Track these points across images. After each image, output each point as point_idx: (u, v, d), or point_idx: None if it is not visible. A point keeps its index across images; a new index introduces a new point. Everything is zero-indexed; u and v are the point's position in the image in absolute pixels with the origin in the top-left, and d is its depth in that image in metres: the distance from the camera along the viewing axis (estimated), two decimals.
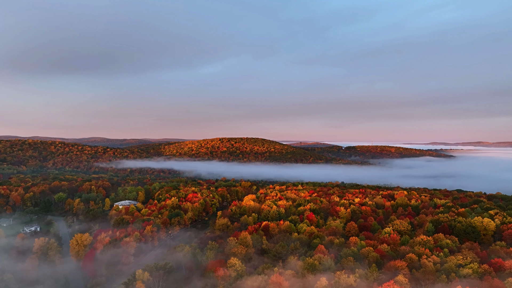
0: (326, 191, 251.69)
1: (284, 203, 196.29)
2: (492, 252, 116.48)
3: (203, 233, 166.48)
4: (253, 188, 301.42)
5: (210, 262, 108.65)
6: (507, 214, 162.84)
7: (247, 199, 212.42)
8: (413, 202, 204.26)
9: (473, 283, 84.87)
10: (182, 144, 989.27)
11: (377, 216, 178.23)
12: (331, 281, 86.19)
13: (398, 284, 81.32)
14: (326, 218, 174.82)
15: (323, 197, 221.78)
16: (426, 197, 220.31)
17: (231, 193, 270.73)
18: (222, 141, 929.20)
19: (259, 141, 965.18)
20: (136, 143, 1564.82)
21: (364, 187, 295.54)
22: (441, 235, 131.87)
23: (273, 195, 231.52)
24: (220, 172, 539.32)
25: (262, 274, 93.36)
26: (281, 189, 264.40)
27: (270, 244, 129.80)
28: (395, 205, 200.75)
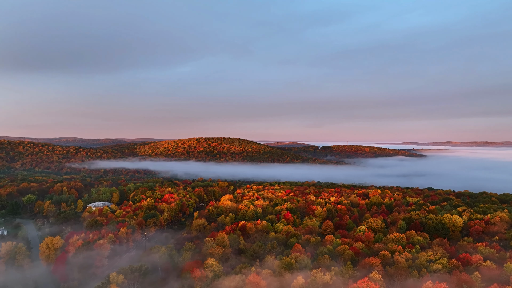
0: (302, 191, 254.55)
1: (261, 202, 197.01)
2: (460, 247, 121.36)
3: (180, 234, 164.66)
4: (230, 188, 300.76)
5: (187, 263, 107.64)
6: (474, 211, 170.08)
7: (224, 199, 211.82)
8: (387, 200, 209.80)
9: (443, 277, 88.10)
10: (158, 144, 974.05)
11: (352, 214, 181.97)
12: (307, 279, 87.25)
13: (372, 280, 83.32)
14: (302, 217, 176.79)
15: (300, 197, 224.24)
16: (399, 196, 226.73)
17: (208, 193, 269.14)
18: (199, 141, 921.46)
19: (236, 141, 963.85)
20: (110, 143, 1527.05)
21: (340, 186, 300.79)
22: (413, 232, 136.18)
23: (250, 195, 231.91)
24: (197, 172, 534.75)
25: (239, 274, 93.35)
26: (258, 188, 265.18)
27: (247, 244, 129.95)
28: (369, 203, 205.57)
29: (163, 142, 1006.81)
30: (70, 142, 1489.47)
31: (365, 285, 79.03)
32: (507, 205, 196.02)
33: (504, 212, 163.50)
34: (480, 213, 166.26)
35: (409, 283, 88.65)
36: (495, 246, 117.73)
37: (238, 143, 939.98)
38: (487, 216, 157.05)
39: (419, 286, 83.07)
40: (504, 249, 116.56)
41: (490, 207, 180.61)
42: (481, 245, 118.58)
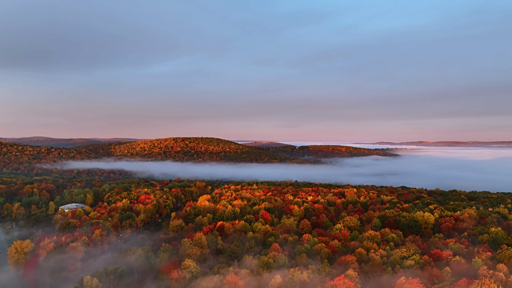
0: (280, 190, 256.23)
1: (239, 202, 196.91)
2: (432, 243, 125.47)
3: (157, 235, 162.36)
4: (208, 188, 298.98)
5: (164, 264, 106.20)
6: (445, 208, 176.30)
7: (202, 199, 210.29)
8: (362, 199, 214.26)
9: (415, 273, 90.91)
10: (134, 144, 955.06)
11: (329, 213, 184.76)
12: (285, 278, 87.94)
13: (348, 278, 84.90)
14: (280, 216, 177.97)
15: (278, 196, 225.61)
16: (374, 194, 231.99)
17: (185, 194, 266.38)
18: (176, 141, 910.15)
19: (214, 141, 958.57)
20: (84, 143, 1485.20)
21: (317, 185, 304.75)
22: (387, 229, 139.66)
23: (228, 195, 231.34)
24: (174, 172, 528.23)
25: (217, 274, 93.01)
26: (236, 188, 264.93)
27: (225, 244, 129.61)
28: (346, 202, 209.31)
29: (139, 142, 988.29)
30: (41, 142, 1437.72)
31: (342, 283, 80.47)
32: (475, 202, 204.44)
33: (472, 209, 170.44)
34: (450, 210, 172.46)
35: (383, 279, 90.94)
36: (464, 242, 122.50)
37: (216, 143, 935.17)
38: (456, 213, 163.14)
39: (393, 282, 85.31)
40: (472, 245, 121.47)
41: (460, 205, 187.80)
42: (451, 241, 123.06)
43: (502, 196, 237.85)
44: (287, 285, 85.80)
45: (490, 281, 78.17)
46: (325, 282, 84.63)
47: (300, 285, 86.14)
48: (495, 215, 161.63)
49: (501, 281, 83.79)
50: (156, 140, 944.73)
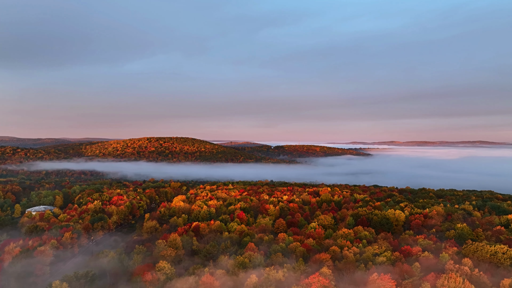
0: (256, 190, 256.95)
1: (215, 202, 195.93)
2: (402, 240, 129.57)
3: (130, 237, 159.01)
4: (183, 189, 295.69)
5: (138, 266, 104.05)
6: (415, 206, 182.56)
7: (177, 200, 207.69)
8: (336, 197, 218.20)
9: (387, 269, 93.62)
10: (106, 144, 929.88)
11: (304, 212, 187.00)
12: (261, 278, 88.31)
13: (323, 275, 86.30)
14: (256, 216, 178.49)
15: (253, 196, 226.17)
16: (347, 193, 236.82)
17: (159, 195, 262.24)
18: (150, 141, 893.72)
19: (189, 140, 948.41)
20: (53, 142, 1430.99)
21: (292, 184, 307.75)
22: (360, 227, 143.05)
23: (204, 195, 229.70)
24: (148, 173, 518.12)
25: (192, 275, 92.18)
26: (212, 189, 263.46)
27: (200, 244, 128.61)
28: (320, 201, 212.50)
29: (111, 142, 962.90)
30: (6, 142, 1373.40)
31: (316, 281, 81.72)
32: (443, 200, 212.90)
33: (440, 206, 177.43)
34: (420, 207, 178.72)
35: (356, 276, 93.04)
36: (432, 238, 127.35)
37: (191, 142, 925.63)
38: (425, 211, 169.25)
39: (366, 278, 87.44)
40: (440, 240, 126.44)
41: (428, 202, 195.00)
42: (420, 237, 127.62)
43: (467, 193, 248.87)
44: (263, 285, 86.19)
45: (456, 275, 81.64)
46: (300, 280, 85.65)
47: (276, 284, 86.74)
48: (461, 211, 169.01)
49: (466, 274, 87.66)
50: (130, 140, 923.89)
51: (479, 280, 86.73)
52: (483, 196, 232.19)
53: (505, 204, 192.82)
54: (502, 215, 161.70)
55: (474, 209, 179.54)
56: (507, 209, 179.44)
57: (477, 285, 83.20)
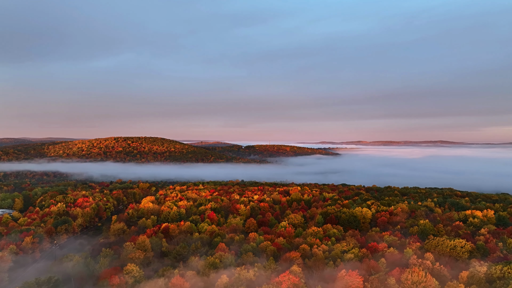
0: (226, 190, 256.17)
1: (185, 203, 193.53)
2: (369, 237, 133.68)
3: (96, 240, 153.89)
4: (152, 190, 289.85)
5: (104, 270, 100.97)
6: (381, 203, 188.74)
7: (146, 201, 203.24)
8: (306, 196, 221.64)
9: (355, 265, 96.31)
10: (70, 144, 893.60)
11: (274, 211, 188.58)
12: (232, 278, 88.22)
13: (293, 274, 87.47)
14: (227, 216, 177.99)
15: (224, 196, 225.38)
16: (317, 192, 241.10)
17: (127, 196, 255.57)
18: (117, 141, 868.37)
19: (159, 140, 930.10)
20: (12, 142, 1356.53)
21: (263, 184, 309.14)
22: (329, 225, 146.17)
23: (173, 195, 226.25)
24: (115, 173, 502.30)
25: (162, 277, 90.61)
26: (182, 189, 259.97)
27: (170, 246, 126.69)
28: (290, 200, 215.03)
29: (76, 142, 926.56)
30: None
31: (286, 279, 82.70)
32: (407, 197, 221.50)
33: (405, 203, 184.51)
34: (385, 205, 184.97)
35: (326, 273, 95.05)
36: (397, 234, 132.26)
37: (160, 142, 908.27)
38: (391, 208, 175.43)
39: (334, 275, 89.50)
40: (404, 236, 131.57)
41: (393, 200, 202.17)
42: (386, 234, 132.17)
43: (429, 191, 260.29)
44: (234, 285, 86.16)
45: (419, 269, 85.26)
46: (271, 279, 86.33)
47: (247, 284, 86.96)
48: (424, 208, 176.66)
49: (428, 268, 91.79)
50: (96, 140, 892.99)
51: (440, 273, 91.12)
52: (444, 193, 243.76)
53: (463, 200, 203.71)
54: (461, 211, 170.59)
55: (435, 205, 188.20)
56: (465, 205, 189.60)
57: (438, 278, 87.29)
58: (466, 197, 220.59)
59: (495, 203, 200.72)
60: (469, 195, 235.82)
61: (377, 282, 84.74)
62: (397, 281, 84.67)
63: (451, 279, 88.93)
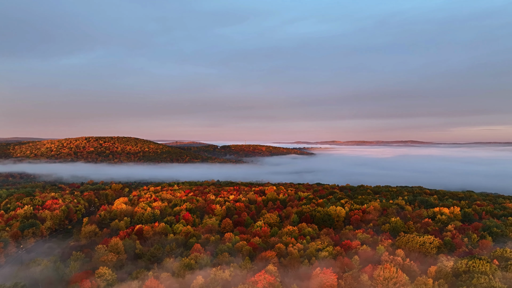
0: (202, 190, 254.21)
1: (159, 204, 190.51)
2: (343, 235, 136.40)
3: (66, 243, 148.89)
4: (125, 191, 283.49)
5: (75, 274, 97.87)
6: (354, 202, 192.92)
7: (118, 202, 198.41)
8: (281, 196, 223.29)
9: (329, 263, 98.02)
10: (39, 144, 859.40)
11: (250, 211, 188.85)
12: (207, 278, 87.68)
13: (269, 273, 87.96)
14: (202, 216, 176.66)
15: (199, 196, 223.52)
16: (292, 191, 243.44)
17: (99, 197, 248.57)
18: (88, 141, 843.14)
19: (132, 140, 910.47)
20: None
21: (238, 184, 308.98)
22: (304, 224, 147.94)
23: (147, 196, 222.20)
24: (86, 174, 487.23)
25: (135, 280, 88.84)
26: (156, 190, 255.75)
27: (144, 248, 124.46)
28: (266, 200, 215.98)
29: (44, 141, 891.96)
30: None
31: (262, 278, 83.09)
32: (379, 196, 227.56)
33: (377, 202, 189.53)
34: (359, 203, 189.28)
35: (301, 271, 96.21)
36: (369, 232, 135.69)
37: (134, 142, 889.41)
38: (363, 206, 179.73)
39: (309, 273, 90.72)
40: (376, 234, 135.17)
41: (366, 198, 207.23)
42: (359, 232, 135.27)
43: (400, 189, 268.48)
44: (209, 285, 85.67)
45: (391, 265, 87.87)
46: (247, 279, 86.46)
47: (223, 284, 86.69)
48: (395, 206, 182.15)
49: (399, 264, 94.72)
50: (66, 139, 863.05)
51: (410, 269, 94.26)
52: (414, 191, 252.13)
53: (431, 198, 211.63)
54: (429, 208, 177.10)
55: (406, 203, 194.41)
56: (433, 202, 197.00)
57: (408, 274, 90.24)
58: (435, 195, 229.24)
59: (461, 200, 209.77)
60: (437, 193, 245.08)
61: (350, 279, 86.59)
62: (370, 277, 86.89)
63: (420, 274, 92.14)
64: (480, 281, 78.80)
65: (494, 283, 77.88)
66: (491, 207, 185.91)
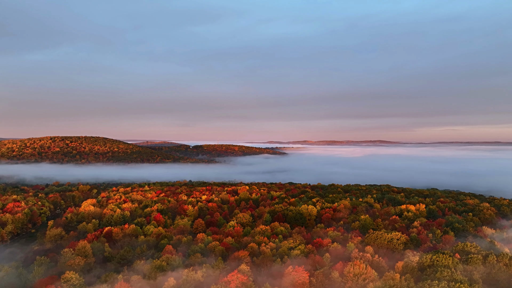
0: (174, 191, 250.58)
1: (130, 205, 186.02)
2: (314, 233, 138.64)
3: (30, 247, 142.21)
4: (94, 192, 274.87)
5: (39, 280, 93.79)
6: (325, 200, 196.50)
7: (86, 204, 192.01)
8: (254, 195, 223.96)
9: (301, 261, 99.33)
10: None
11: (223, 211, 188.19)
12: (179, 280, 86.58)
13: (241, 272, 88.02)
14: (174, 217, 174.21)
15: (171, 197, 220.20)
16: (265, 191, 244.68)
17: (66, 199, 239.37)
18: (54, 140, 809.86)
19: (100, 140, 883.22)
20: None
21: (211, 184, 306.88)
22: (277, 223, 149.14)
23: (117, 198, 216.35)
24: (51, 175, 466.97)
25: (104, 284, 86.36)
26: (126, 191, 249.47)
27: (114, 250, 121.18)
28: (239, 199, 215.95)
29: (5, 141, 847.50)
30: None
31: (235, 278, 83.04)
32: (349, 194, 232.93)
33: (347, 200, 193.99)
34: (330, 202, 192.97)
35: (273, 270, 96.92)
36: (340, 230, 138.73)
37: (103, 142, 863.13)
38: (334, 205, 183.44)
39: (282, 271, 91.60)
40: (346, 231, 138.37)
41: (337, 197, 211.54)
42: (330, 230, 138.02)
43: (369, 187, 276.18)
44: (182, 287, 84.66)
45: (360, 262, 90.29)
46: (219, 279, 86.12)
47: (195, 285, 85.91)
48: (364, 204, 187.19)
49: (368, 260, 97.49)
50: (29, 139, 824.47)
51: (379, 265, 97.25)
52: (382, 189, 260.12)
53: (399, 196, 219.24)
54: (397, 206, 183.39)
55: (374, 201, 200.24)
56: (400, 200, 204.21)
57: (377, 269, 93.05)
58: (402, 193, 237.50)
59: (426, 197, 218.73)
60: (404, 191, 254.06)
61: (322, 276, 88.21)
62: (340, 274, 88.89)
63: (388, 269, 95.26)
64: (443, 274, 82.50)
65: (456, 276, 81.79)
66: (453, 203, 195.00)
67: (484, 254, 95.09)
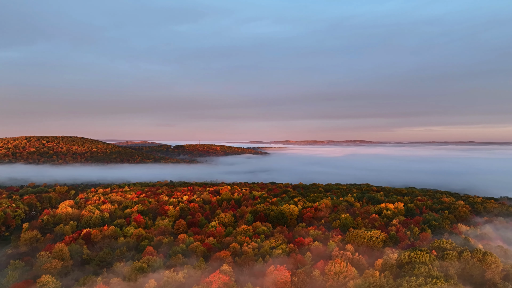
0: (154, 191, 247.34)
1: (109, 206, 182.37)
2: (296, 232, 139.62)
3: (3, 251, 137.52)
4: (71, 193, 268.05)
5: (13, 285, 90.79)
6: (307, 200, 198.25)
7: (63, 205, 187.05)
8: (236, 195, 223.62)
9: (283, 260, 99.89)
10: None
11: (205, 211, 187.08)
12: (160, 281, 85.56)
13: (223, 273, 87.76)
14: (155, 218, 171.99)
15: (152, 197, 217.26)
16: (247, 190, 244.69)
17: (42, 201, 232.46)
18: (29, 140, 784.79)
19: (78, 140, 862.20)
20: None
21: (192, 184, 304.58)
22: (259, 223, 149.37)
23: (96, 199, 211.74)
24: (26, 177, 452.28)
25: (83, 287, 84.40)
26: (105, 192, 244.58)
27: (92, 253, 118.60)
28: (221, 199, 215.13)
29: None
30: None
31: (217, 278, 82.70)
32: (330, 193, 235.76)
33: (328, 199, 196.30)
34: (311, 201, 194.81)
35: (255, 269, 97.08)
36: (321, 229, 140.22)
37: (81, 142, 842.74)
38: (315, 204, 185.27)
39: (264, 271, 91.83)
40: (327, 230, 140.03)
41: (318, 196, 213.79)
42: (311, 229, 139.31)
43: (350, 187, 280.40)
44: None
45: (341, 260, 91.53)
46: (201, 280, 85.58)
47: (176, 286, 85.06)
48: (345, 203, 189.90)
49: (348, 259, 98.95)
50: (2, 139, 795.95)
51: (359, 263, 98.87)
52: (362, 188, 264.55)
53: (378, 195, 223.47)
54: (376, 204, 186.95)
55: (355, 200, 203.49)
56: (380, 199, 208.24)
57: (357, 267, 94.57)
58: (381, 192, 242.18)
59: (405, 196, 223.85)
60: (383, 189, 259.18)
61: (303, 275, 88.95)
62: (322, 272, 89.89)
63: (368, 267, 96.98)
64: (420, 270, 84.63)
65: (433, 272, 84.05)
66: (430, 202, 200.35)
67: (459, 251, 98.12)
